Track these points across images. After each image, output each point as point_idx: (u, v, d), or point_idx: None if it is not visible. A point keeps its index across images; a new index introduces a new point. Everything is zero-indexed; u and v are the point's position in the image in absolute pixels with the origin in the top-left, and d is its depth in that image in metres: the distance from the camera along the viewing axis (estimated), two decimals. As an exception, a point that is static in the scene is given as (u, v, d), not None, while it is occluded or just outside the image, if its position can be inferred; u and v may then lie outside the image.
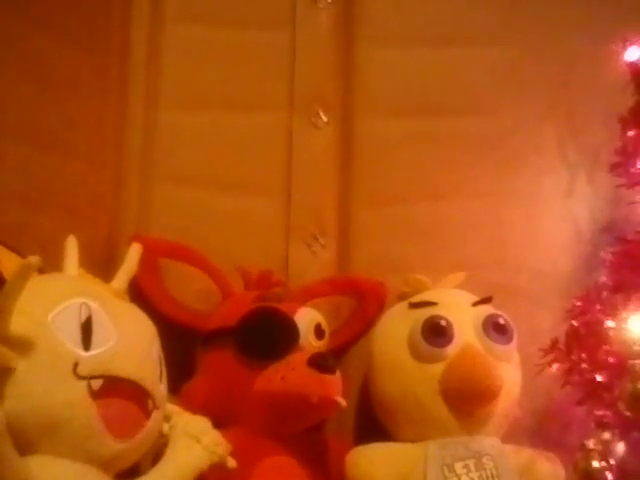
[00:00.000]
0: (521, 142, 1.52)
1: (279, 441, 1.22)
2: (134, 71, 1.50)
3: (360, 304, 1.44)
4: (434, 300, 1.30)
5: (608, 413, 1.23)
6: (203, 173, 1.49)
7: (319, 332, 1.31)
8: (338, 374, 1.22)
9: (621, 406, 1.20)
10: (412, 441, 1.25)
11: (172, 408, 1.10)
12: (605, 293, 1.30)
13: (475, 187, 1.51)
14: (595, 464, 1.19)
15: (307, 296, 1.38)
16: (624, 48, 1.38)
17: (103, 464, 0.98)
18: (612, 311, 1.27)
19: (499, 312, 1.29)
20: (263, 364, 1.24)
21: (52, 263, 1.08)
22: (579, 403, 1.28)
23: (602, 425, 1.22)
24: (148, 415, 1.02)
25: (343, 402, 1.21)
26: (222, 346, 1.28)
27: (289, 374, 1.20)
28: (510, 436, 1.28)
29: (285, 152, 1.50)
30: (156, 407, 1.03)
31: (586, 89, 1.51)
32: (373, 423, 1.33)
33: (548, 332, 1.34)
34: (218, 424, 1.11)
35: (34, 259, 0.93)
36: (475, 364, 1.23)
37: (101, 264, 1.29)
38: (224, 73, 1.52)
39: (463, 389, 1.23)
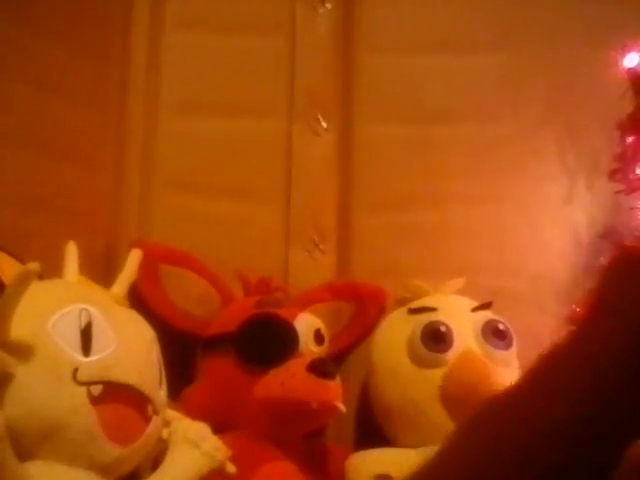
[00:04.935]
0: (521, 148, 1.52)
1: (279, 446, 1.22)
2: (134, 77, 1.50)
3: (360, 309, 1.44)
4: (434, 306, 1.30)
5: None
6: (203, 179, 1.49)
7: (319, 337, 1.31)
8: (338, 379, 1.22)
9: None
10: (412, 446, 1.25)
11: (172, 414, 1.10)
12: (604, 298, 1.30)
13: (475, 193, 1.51)
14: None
15: (307, 302, 1.38)
16: (623, 54, 1.38)
17: (102, 470, 0.98)
18: (611, 317, 1.27)
19: (498, 318, 1.29)
20: (263, 370, 1.24)
21: (52, 269, 1.08)
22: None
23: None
24: (148, 421, 1.02)
25: (343, 407, 1.21)
26: (222, 352, 1.28)
27: (289, 380, 1.20)
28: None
29: (285, 158, 1.50)
30: (156, 413, 1.03)
31: (585, 95, 1.51)
32: (373, 428, 1.33)
33: (548, 338, 1.33)
34: (218, 430, 1.11)
35: (34, 265, 0.93)
36: (474, 370, 1.23)
37: (101, 270, 1.29)
38: (224, 79, 1.52)
39: (463, 395, 1.23)
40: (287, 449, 1.23)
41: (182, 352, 1.26)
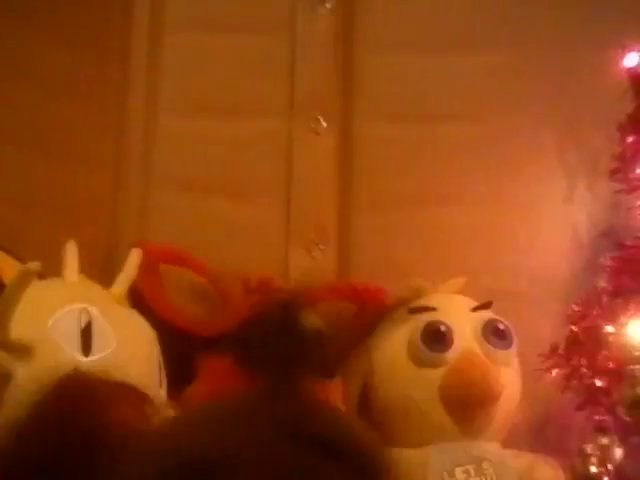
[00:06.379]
0: (520, 148, 1.52)
1: (279, 446, 1.22)
2: (134, 76, 1.50)
3: (360, 309, 1.44)
4: (434, 305, 1.30)
5: (607, 418, 1.23)
6: (203, 179, 1.49)
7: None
8: (338, 379, 1.22)
9: (620, 411, 1.20)
10: (412, 446, 1.25)
11: (172, 414, 1.10)
12: (604, 298, 1.30)
13: (474, 193, 1.51)
14: (593, 469, 1.19)
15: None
16: (623, 54, 1.38)
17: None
18: (611, 316, 1.27)
19: (499, 317, 1.29)
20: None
21: (52, 269, 1.08)
22: (578, 408, 1.28)
23: (601, 430, 1.22)
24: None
25: (343, 407, 1.21)
26: (222, 352, 1.28)
27: (289, 379, 1.20)
28: (510, 441, 1.28)
29: (285, 158, 1.50)
30: (156, 413, 1.03)
31: (585, 95, 1.51)
32: (373, 429, 1.33)
33: (548, 337, 1.34)
34: (218, 429, 1.10)
35: (34, 264, 0.93)
36: (474, 369, 1.23)
37: (101, 269, 1.29)
38: (224, 79, 1.52)
39: (463, 394, 1.23)
40: (287, 449, 1.23)
41: (182, 353, 1.26)
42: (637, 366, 1.20)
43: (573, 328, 1.31)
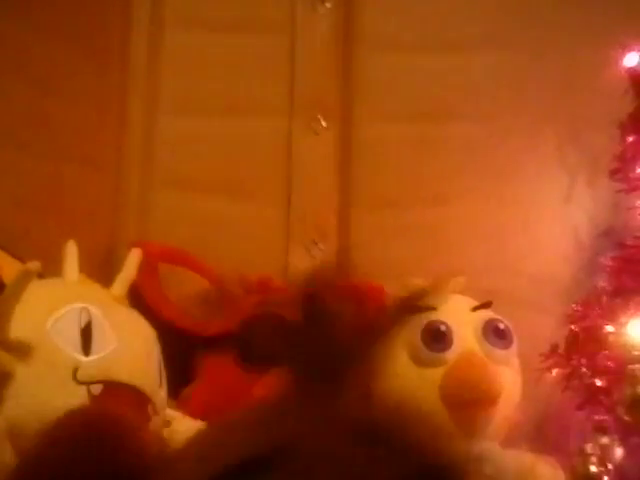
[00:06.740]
0: (520, 147, 1.52)
1: (279, 446, 1.22)
2: (134, 76, 1.50)
3: (360, 309, 1.43)
4: (434, 305, 1.30)
5: (607, 418, 1.23)
6: (203, 178, 1.49)
7: (319, 337, 1.30)
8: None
9: (620, 411, 1.20)
10: (412, 446, 1.25)
11: (172, 413, 1.10)
12: (604, 298, 1.30)
13: (474, 192, 1.51)
14: (593, 469, 1.19)
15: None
16: (623, 54, 1.38)
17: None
18: (611, 316, 1.27)
19: (499, 317, 1.29)
20: (263, 369, 1.23)
21: (52, 268, 1.08)
22: (578, 408, 1.28)
23: (601, 430, 1.22)
24: (148, 421, 1.01)
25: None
26: (222, 351, 1.28)
27: (289, 379, 1.20)
28: (510, 441, 1.28)
29: (285, 157, 1.50)
30: (156, 413, 1.03)
31: (586, 94, 1.51)
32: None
33: (548, 337, 1.33)
34: (218, 429, 1.10)
35: (34, 264, 0.93)
36: (474, 369, 1.23)
37: (101, 269, 1.29)
38: (224, 78, 1.52)
39: (462, 394, 1.23)
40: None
41: (182, 352, 1.26)
42: (637, 366, 1.20)
43: (573, 328, 1.31)
